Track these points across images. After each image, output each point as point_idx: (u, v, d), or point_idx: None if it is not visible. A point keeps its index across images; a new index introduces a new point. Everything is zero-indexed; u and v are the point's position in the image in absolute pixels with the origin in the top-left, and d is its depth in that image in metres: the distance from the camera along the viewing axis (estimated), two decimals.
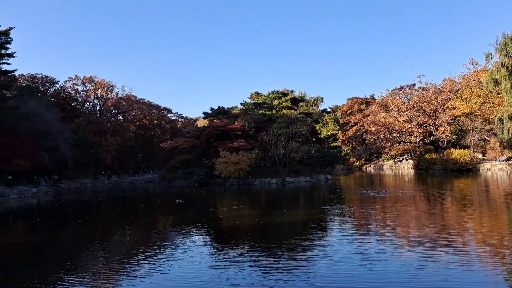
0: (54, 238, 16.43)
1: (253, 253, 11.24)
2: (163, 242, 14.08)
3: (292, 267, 9.43)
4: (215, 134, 47.14)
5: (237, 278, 8.70)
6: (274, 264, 9.77)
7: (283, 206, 23.46)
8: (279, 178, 43.32)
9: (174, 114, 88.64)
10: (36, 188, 44.26)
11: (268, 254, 10.90)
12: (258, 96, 61.53)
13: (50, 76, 67.68)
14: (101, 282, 9.33)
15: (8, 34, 49.90)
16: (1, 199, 36.69)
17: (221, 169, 41.86)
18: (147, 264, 10.46)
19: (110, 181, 63.19)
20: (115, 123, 74.48)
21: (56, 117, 53.87)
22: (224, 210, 22.94)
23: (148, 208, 26.96)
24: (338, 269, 9.11)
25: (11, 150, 42.11)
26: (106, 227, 19.17)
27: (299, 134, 46.35)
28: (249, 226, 16.40)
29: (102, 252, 13.04)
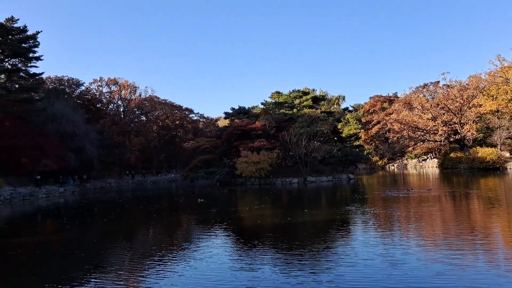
0: (80, 236, 16.87)
1: (274, 254, 11.18)
2: (185, 241, 14.24)
3: (314, 269, 9.32)
4: (236, 133, 47.35)
5: (259, 280, 8.63)
6: (296, 266, 9.66)
7: (304, 206, 23.36)
8: (301, 178, 43.16)
9: (195, 114, 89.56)
10: (63, 188, 45.50)
11: (290, 254, 10.84)
12: (279, 95, 61.44)
13: (76, 78, 69.60)
14: (125, 280, 9.51)
15: (35, 38, 51.54)
16: (30, 198, 37.92)
17: (242, 168, 42.03)
18: (170, 264, 10.58)
19: (134, 181, 64.35)
20: (138, 123, 75.76)
21: (82, 118, 55.24)
22: (246, 210, 23.02)
23: (171, 207, 27.33)
24: (361, 271, 8.91)
25: (39, 151, 43.43)
26: (130, 226, 19.52)
27: (320, 133, 46.02)
28: (270, 226, 16.41)
29: (126, 250, 13.30)
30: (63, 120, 51.10)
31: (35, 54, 51.91)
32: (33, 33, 51.29)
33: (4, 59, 50.07)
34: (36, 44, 51.75)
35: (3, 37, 48.62)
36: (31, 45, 51.39)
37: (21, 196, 37.17)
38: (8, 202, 34.45)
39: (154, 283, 8.94)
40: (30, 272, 11.09)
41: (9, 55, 49.51)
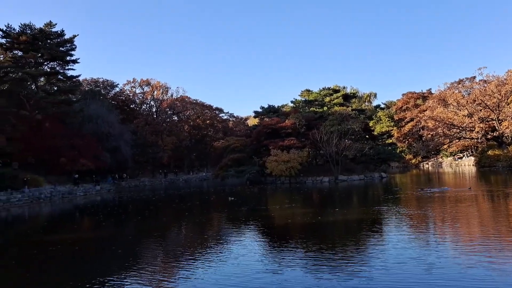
0: (116, 233, 17.45)
1: (306, 254, 11.06)
2: (216, 240, 14.39)
3: (346, 271, 9.06)
4: (265, 132, 47.44)
5: (290, 281, 8.50)
6: (326, 268, 9.45)
7: (335, 205, 23.12)
8: (332, 177, 42.75)
9: (225, 114, 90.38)
10: (99, 186, 47.07)
11: (322, 255, 10.68)
12: (309, 93, 61.00)
13: (110, 80, 71.87)
14: (158, 277, 9.75)
15: (72, 41, 53.51)
16: (69, 196, 39.48)
17: (272, 167, 42.08)
18: (202, 262, 10.71)
19: (166, 179, 65.72)
20: (170, 123, 77.24)
21: (116, 119, 56.91)
22: (276, 208, 23.04)
23: (202, 205, 27.74)
24: (393, 275, 8.53)
25: (77, 151, 45.13)
26: (163, 223, 19.97)
27: (351, 131, 45.39)
28: (300, 225, 16.37)
29: (160, 248, 13.63)
30: (99, 121, 52.83)
31: (72, 57, 53.90)
32: (70, 37, 53.27)
33: (43, 63, 52.28)
34: (73, 48, 53.72)
35: (42, 42, 50.78)
36: (68, 48, 53.40)
37: (61, 194, 38.77)
38: (48, 200, 36.02)
39: (187, 280, 9.12)
40: (70, 267, 11.58)
41: (48, 58, 51.65)
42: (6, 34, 49.34)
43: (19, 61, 49.42)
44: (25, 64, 49.50)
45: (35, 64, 50.57)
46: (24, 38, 49.18)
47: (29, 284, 9.98)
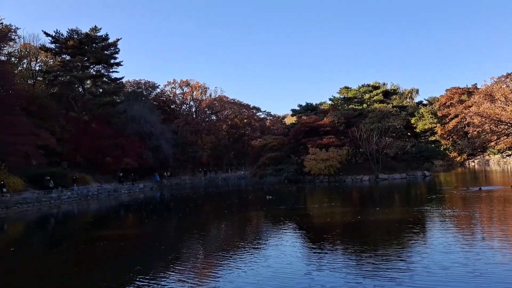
0: (159, 230, 18.02)
1: (346, 255, 10.86)
2: (255, 238, 14.52)
3: (388, 274, 8.68)
4: (303, 131, 47.16)
5: (331, 282, 8.34)
6: (367, 268, 9.21)
7: (376, 204, 22.64)
8: (372, 175, 41.90)
9: (262, 113, 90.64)
10: (142, 184, 48.71)
11: (363, 256, 10.46)
12: (348, 90, 59.94)
13: (151, 81, 74.18)
14: (199, 274, 10.02)
15: (116, 45, 55.70)
16: (114, 194, 41.15)
17: (310, 166, 41.81)
18: (241, 260, 10.82)
19: (206, 178, 66.96)
20: (209, 123, 78.53)
21: (158, 119, 58.66)
22: (315, 207, 22.91)
23: (241, 203, 28.05)
24: (437, 280, 8.06)
25: (121, 150, 46.96)
26: (203, 221, 20.40)
27: (392, 128, 44.23)
28: (340, 224, 16.20)
29: (200, 245, 13.95)
30: (141, 121, 54.67)
31: (116, 60, 56.13)
32: (114, 41, 55.46)
33: (89, 66, 54.75)
34: (117, 51, 55.92)
35: (88, 46, 53.21)
36: (112, 51, 55.63)
37: (107, 192, 40.48)
38: (95, 198, 37.73)
39: (226, 278, 9.28)
40: (116, 261, 12.13)
41: (94, 62, 54.04)
42: (55, 40, 52.09)
43: (67, 65, 52.05)
44: (73, 68, 52.06)
45: (82, 67, 53.04)
46: (72, 43, 51.74)
47: (78, 278, 10.52)
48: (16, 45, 50.52)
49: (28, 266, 12.34)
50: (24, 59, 53.47)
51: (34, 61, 54.40)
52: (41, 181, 35.16)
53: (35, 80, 52.84)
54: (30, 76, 52.74)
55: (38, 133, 35.41)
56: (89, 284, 9.58)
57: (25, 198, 30.34)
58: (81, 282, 9.91)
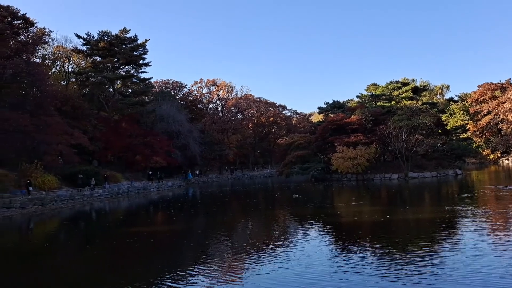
0: (187, 227, 18.35)
1: (374, 255, 10.58)
2: (282, 237, 14.54)
3: (417, 277, 8.34)
4: (330, 128, 46.78)
5: (358, 284, 8.19)
6: (396, 269, 8.99)
7: (406, 203, 22.22)
8: (401, 174, 41.11)
9: (289, 111, 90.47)
10: (171, 182, 49.63)
11: (390, 256, 10.27)
12: (376, 87, 58.98)
13: (179, 81, 75.46)
14: (226, 271, 10.14)
15: (144, 46, 56.88)
16: (144, 191, 42.12)
17: (338, 164, 41.43)
18: (267, 259, 10.87)
19: (232, 176, 67.51)
20: (235, 121, 79.12)
21: (185, 118, 59.62)
22: (342, 206, 22.72)
23: (267, 202, 28.14)
24: (468, 285, 7.73)
25: (150, 149, 48.02)
26: (230, 218, 20.61)
27: (422, 126, 43.21)
28: (368, 224, 16.01)
29: (227, 242, 14.11)
30: (169, 120, 55.71)
31: (145, 61, 57.36)
32: (142, 42, 56.66)
33: (119, 67, 56.18)
34: (145, 52, 57.13)
35: (118, 47, 54.59)
36: (141, 52, 56.87)
37: (136, 190, 41.48)
38: (126, 195, 38.73)
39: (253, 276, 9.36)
40: (146, 258, 12.44)
41: (123, 62, 55.41)
42: (86, 42, 53.74)
43: (98, 66, 53.62)
44: (104, 69, 53.57)
45: (112, 68, 54.51)
46: (102, 44, 53.23)
47: (109, 273, 10.88)
48: (50, 48, 52.55)
49: (60, 262, 12.86)
50: (58, 61, 55.50)
51: (67, 63, 56.41)
52: (74, 179, 36.47)
53: (68, 81, 54.74)
54: (63, 78, 54.68)
55: (71, 133, 36.71)
56: (119, 280, 9.88)
57: (59, 196, 31.51)
58: (112, 278, 10.24)
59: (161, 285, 9.03)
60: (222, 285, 8.77)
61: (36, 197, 29.60)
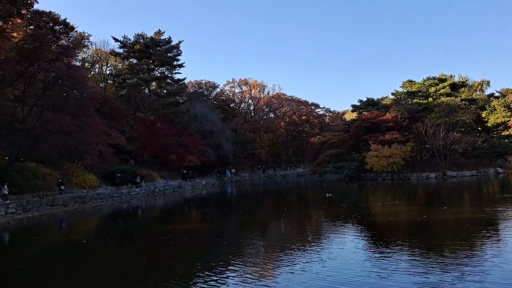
0: (220, 226, 18.60)
1: (411, 256, 10.31)
2: (315, 236, 14.47)
3: (457, 281, 8.06)
4: (364, 127, 46.02)
5: (393, 287, 8.00)
6: (435, 271, 8.69)
7: (444, 203, 21.56)
8: (439, 172, 39.87)
9: (321, 109, 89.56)
10: (205, 181, 50.42)
11: (428, 258, 9.96)
12: (411, 84, 57.35)
13: (212, 81, 76.53)
14: (260, 270, 10.20)
15: (178, 47, 58.06)
16: (179, 190, 43.05)
17: (372, 163, 40.70)
18: (301, 258, 10.83)
19: (265, 175, 67.67)
20: (267, 120, 79.21)
21: (218, 117, 60.42)
22: (377, 206, 22.31)
23: (300, 201, 28.02)
24: None
25: (185, 148, 49.00)
26: (263, 217, 20.71)
27: (461, 123, 41.72)
28: (405, 223, 15.65)
29: (261, 241, 14.18)
30: (203, 120, 56.62)
31: (179, 62, 58.59)
32: (176, 43, 57.87)
33: (154, 68, 57.64)
34: (179, 53, 58.31)
35: (153, 49, 56.00)
36: (175, 54, 58.11)
37: (172, 188, 42.47)
38: (161, 194, 39.73)
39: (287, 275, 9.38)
40: (181, 255, 12.75)
41: (158, 64, 56.84)
42: (123, 45, 55.47)
43: (134, 68, 55.26)
44: (139, 71, 55.14)
45: (148, 70, 56.01)
46: (138, 47, 54.80)
47: (146, 269, 11.22)
48: (89, 51, 54.61)
49: (100, 258, 13.40)
50: (96, 64, 57.62)
51: (105, 66, 58.46)
52: (113, 177, 37.79)
53: (106, 83, 56.74)
54: (102, 80, 56.70)
55: (110, 133, 38.05)
56: (156, 276, 10.16)
57: (99, 194, 32.75)
58: (149, 273, 10.55)
59: (196, 282, 9.23)
60: (256, 283, 8.84)
61: (78, 195, 30.92)
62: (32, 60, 27.55)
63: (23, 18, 28.17)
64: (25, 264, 12.33)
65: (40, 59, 27.16)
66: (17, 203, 25.92)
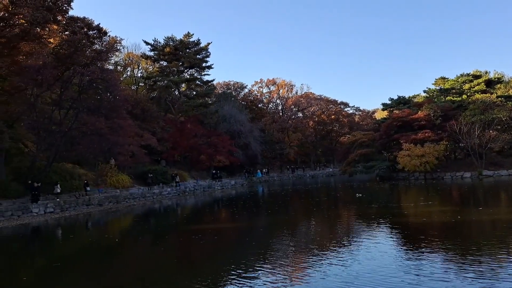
0: (249, 226, 18.72)
1: (445, 260, 10.01)
2: (346, 237, 14.29)
3: (494, 282, 7.85)
4: (395, 125, 45.13)
5: None
6: (473, 279, 8.30)
7: (480, 204, 20.84)
8: (474, 172, 38.54)
9: (351, 108, 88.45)
10: (234, 181, 50.82)
11: (464, 262, 9.61)
12: (444, 81, 55.67)
13: (240, 82, 76.99)
14: (290, 270, 10.19)
15: (207, 49, 58.77)
16: (208, 190, 43.60)
17: (404, 162, 39.83)
18: (331, 259, 10.72)
19: (294, 175, 67.44)
20: (295, 120, 78.92)
21: (246, 118, 60.74)
22: (410, 206, 21.83)
23: (330, 201, 27.78)
24: None
25: (214, 148, 49.58)
26: (292, 218, 20.68)
27: (497, 120, 40.18)
28: (438, 225, 15.22)
29: (290, 241, 14.15)
30: (231, 120, 57.10)
31: (207, 64, 59.29)
32: (205, 45, 58.59)
33: (184, 70, 58.62)
34: (208, 55, 59.03)
35: (182, 51, 56.96)
36: (203, 55, 58.87)
37: (202, 188, 43.07)
38: (192, 193, 40.36)
39: (317, 276, 9.32)
40: (211, 254, 12.91)
41: (187, 66, 57.77)
42: (153, 48, 56.72)
43: (164, 70, 56.37)
44: (169, 73, 56.24)
45: (177, 72, 57.05)
46: (168, 49, 55.89)
47: (177, 268, 11.47)
48: (121, 55, 56.16)
49: (133, 256, 13.77)
50: (128, 67, 59.18)
51: (136, 69, 59.95)
52: (145, 177, 38.70)
53: (137, 85, 58.18)
54: (133, 82, 58.17)
55: (141, 134, 39.02)
56: (186, 275, 10.37)
57: (132, 194, 33.64)
58: (179, 273, 10.79)
59: (226, 281, 9.35)
60: (285, 283, 8.84)
61: (112, 195, 31.87)
62: (68, 64, 28.62)
63: (59, 24, 29.23)
64: (62, 262, 12.85)
65: (75, 64, 28.19)
66: (55, 202, 27.03)
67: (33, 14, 25.09)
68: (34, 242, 18.37)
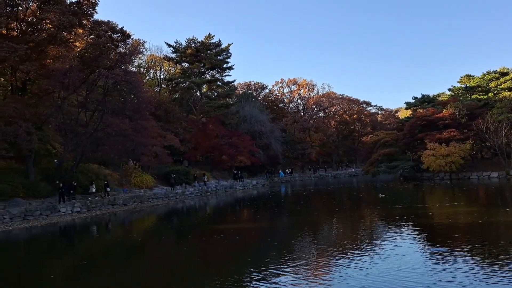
0: (270, 226, 18.76)
1: (472, 262, 9.77)
2: (369, 237, 14.16)
3: None
4: (419, 124, 44.32)
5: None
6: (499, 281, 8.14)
7: (508, 204, 20.23)
8: (502, 172, 37.45)
9: (373, 107, 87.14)
10: (255, 181, 50.92)
11: (491, 264, 9.41)
12: (470, 79, 54.26)
13: (260, 82, 76.99)
14: (312, 271, 10.18)
15: (228, 50, 59.09)
16: (230, 190, 43.85)
17: (429, 162, 39.07)
18: (354, 260, 10.66)
19: (316, 175, 67.01)
20: (317, 120, 78.41)
21: (267, 118, 60.73)
22: (435, 207, 21.39)
23: (353, 201, 27.52)
24: None
25: (235, 149, 49.84)
26: (314, 218, 20.58)
27: None
28: (464, 226, 14.89)
29: (312, 242, 14.13)
30: (252, 121, 57.23)
31: (228, 65, 59.58)
32: (226, 46, 58.92)
33: (205, 72, 59.11)
34: (229, 56, 59.33)
35: (203, 53, 57.45)
36: (224, 57, 59.19)
37: (223, 188, 43.35)
38: (214, 193, 40.68)
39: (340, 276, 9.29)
40: (232, 254, 13.03)
41: (209, 67, 58.21)
42: (175, 50, 57.42)
43: (186, 72, 57.04)
44: (191, 74, 56.86)
45: (199, 73, 57.60)
46: (190, 51, 56.49)
47: (199, 268, 11.61)
48: (144, 57, 57.15)
49: (157, 255, 14.00)
50: (151, 69, 60.17)
51: (159, 70, 60.90)
52: (168, 177, 39.26)
53: (160, 87, 59.07)
54: (156, 84, 59.09)
55: (164, 135, 39.59)
56: (209, 275, 10.49)
57: (155, 194, 34.18)
58: (202, 272, 10.92)
59: (248, 281, 9.42)
60: (307, 285, 8.83)
61: (136, 195, 32.48)
62: (93, 67, 29.36)
63: (84, 28, 30.05)
64: (88, 260, 13.21)
65: (100, 67, 28.90)
66: (81, 202, 27.75)
67: (59, 19, 25.88)
68: (62, 241, 18.94)
